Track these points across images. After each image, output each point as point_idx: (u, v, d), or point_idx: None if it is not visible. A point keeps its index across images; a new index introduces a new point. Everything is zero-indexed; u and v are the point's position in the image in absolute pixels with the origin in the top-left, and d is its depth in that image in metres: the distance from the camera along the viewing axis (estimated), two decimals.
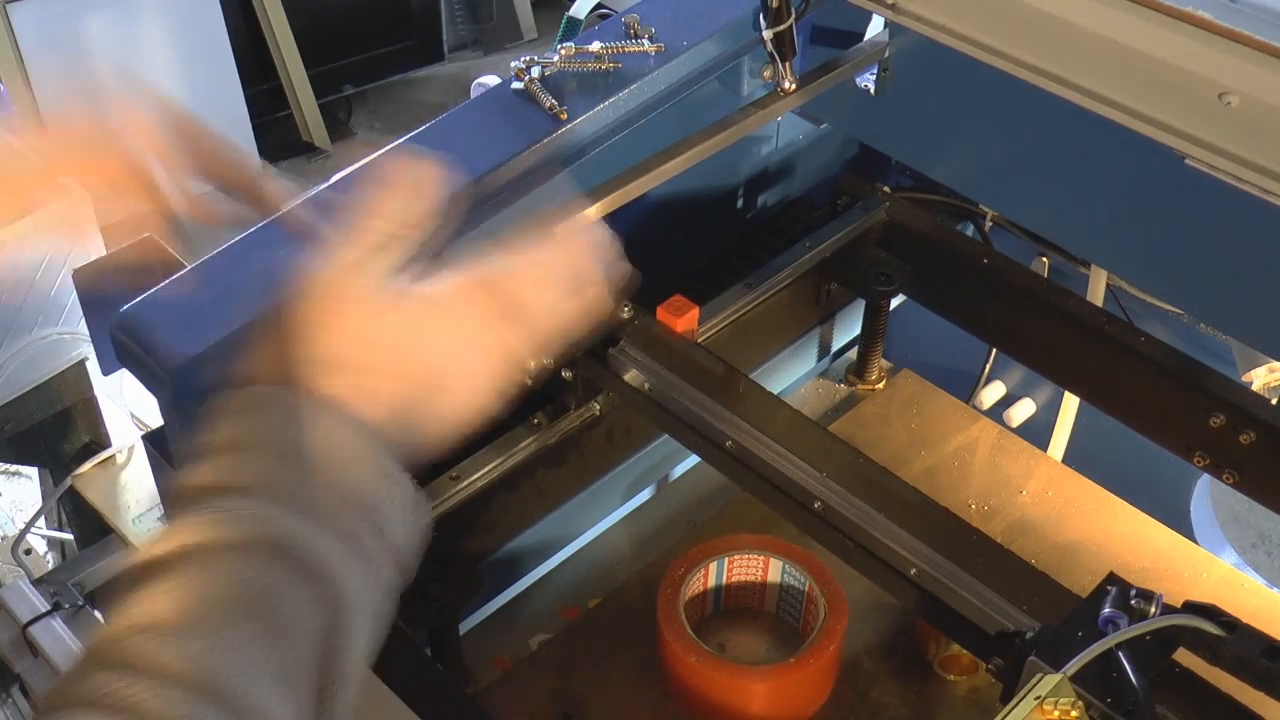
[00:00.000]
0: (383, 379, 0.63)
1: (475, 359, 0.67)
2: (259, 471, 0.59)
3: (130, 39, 3.52)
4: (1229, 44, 0.92)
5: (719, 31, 1.26)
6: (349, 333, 0.63)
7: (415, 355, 0.64)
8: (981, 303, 1.30)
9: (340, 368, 0.62)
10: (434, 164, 0.66)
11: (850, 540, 0.98)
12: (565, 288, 0.70)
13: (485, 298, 0.67)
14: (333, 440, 0.60)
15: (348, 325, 0.63)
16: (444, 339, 0.65)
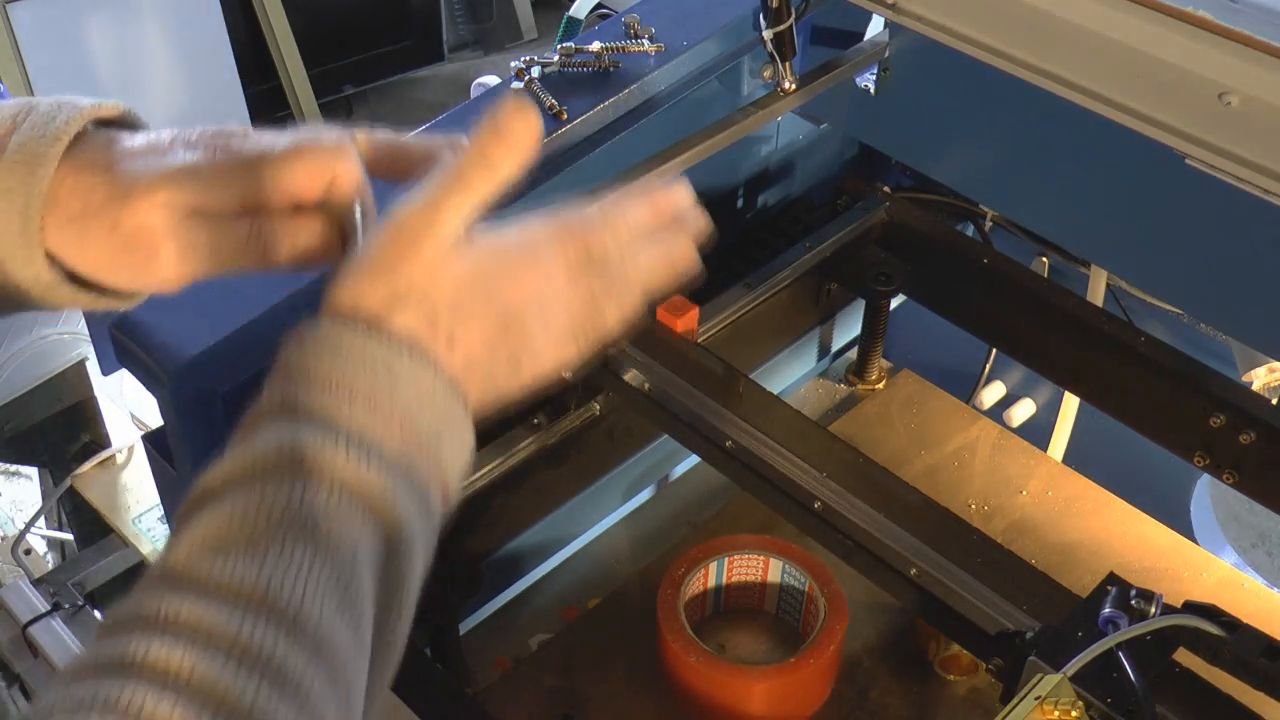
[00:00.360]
0: (460, 317, 0.63)
1: (556, 305, 0.66)
2: (321, 400, 0.59)
3: (130, 39, 3.52)
4: (1229, 44, 0.92)
5: (719, 31, 1.26)
6: (430, 268, 0.62)
7: (495, 296, 0.64)
8: (981, 303, 1.30)
9: (418, 303, 0.62)
10: (535, 114, 0.65)
11: (850, 540, 0.98)
12: (649, 240, 0.69)
13: (568, 245, 0.67)
14: (399, 372, 0.61)
15: (429, 261, 0.62)
16: (525, 283, 0.65)
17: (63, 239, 0.67)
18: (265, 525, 0.55)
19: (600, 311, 0.68)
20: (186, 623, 0.51)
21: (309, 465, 0.57)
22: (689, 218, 0.72)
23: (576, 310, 0.67)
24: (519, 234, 0.66)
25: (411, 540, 0.60)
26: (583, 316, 0.67)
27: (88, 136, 0.69)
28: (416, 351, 0.61)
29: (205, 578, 0.53)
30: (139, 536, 1.85)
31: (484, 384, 0.65)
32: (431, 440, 0.62)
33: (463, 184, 0.64)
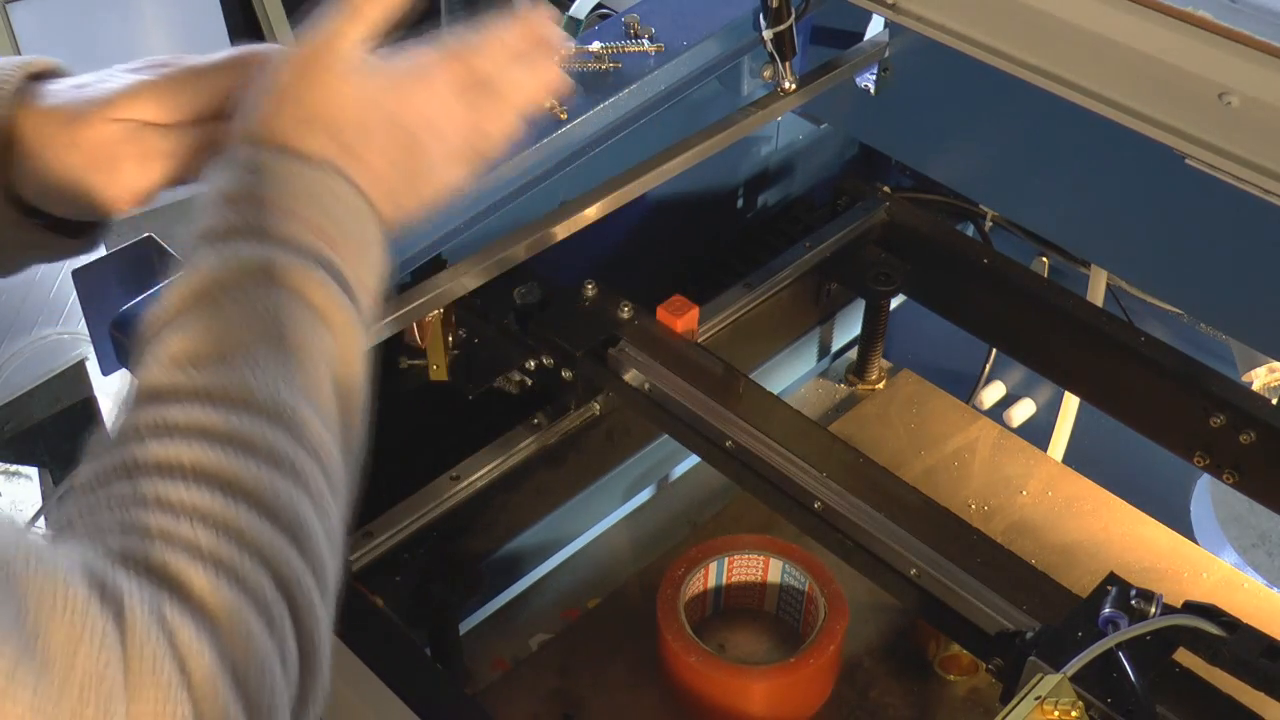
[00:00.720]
0: (365, 138, 0.67)
1: (448, 124, 0.71)
2: (259, 215, 0.62)
3: (130, 39, 3.52)
4: (1229, 44, 0.92)
5: (719, 31, 1.26)
6: (334, 96, 0.67)
7: (394, 117, 0.68)
8: (981, 303, 1.30)
9: (327, 128, 0.66)
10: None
11: (850, 540, 0.98)
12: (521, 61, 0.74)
13: (454, 67, 0.71)
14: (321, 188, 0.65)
15: (332, 89, 0.67)
16: (419, 103, 0.70)
17: (23, 172, 0.71)
18: (236, 336, 0.58)
19: (485, 129, 0.72)
20: (179, 425, 0.55)
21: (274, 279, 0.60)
22: (553, 40, 0.76)
23: (465, 128, 0.71)
24: (410, 59, 0.71)
25: (361, 346, 0.64)
26: (470, 135, 0.72)
27: (28, 88, 0.73)
28: (333, 172, 0.65)
29: (190, 386, 0.56)
30: None
31: (389, 201, 0.69)
32: (357, 251, 0.66)
33: (355, 14, 0.69)
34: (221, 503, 0.53)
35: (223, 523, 0.53)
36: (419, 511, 1.08)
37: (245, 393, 0.56)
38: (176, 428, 0.55)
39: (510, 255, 1.11)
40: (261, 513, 0.54)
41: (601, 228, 1.17)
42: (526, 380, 1.15)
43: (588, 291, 1.13)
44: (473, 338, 1.14)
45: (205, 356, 0.57)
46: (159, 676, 0.48)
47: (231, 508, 0.53)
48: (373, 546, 1.05)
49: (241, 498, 0.54)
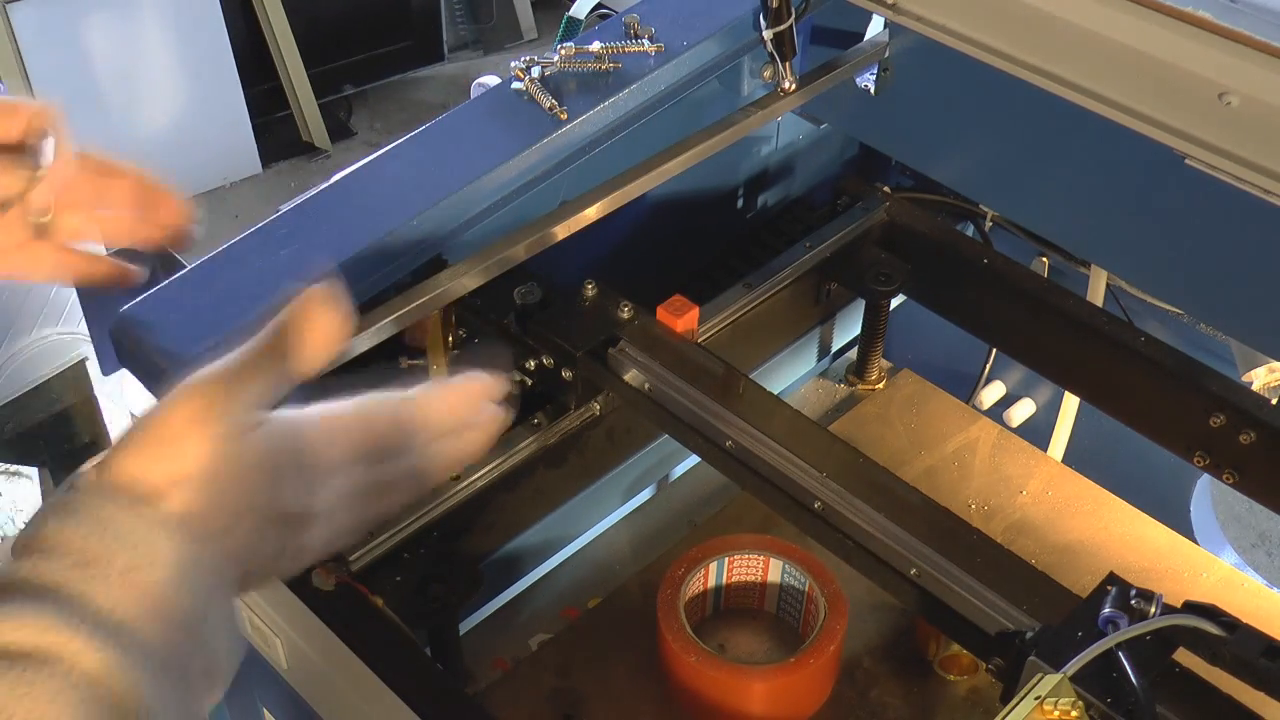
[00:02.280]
0: (240, 506, 0.61)
1: (343, 500, 0.65)
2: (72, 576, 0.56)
3: (130, 39, 3.52)
4: (1229, 44, 0.92)
5: (719, 31, 1.27)
6: (215, 451, 0.60)
7: (280, 489, 0.62)
8: (981, 303, 1.30)
9: (198, 487, 0.59)
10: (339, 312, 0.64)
11: (850, 540, 0.98)
12: (442, 430, 0.69)
13: (367, 438, 0.66)
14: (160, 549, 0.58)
15: (216, 443, 0.60)
16: (313, 478, 0.63)
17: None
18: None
19: (387, 500, 0.67)
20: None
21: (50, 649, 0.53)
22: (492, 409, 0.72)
23: (364, 502, 0.66)
24: (318, 424, 0.64)
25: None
26: (369, 507, 0.67)
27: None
28: (183, 532, 0.59)
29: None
30: None
31: (257, 571, 0.63)
32: (194, 621, 0.58)
33: (264, 368, 0.62)
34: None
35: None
36: (419, 511, 1.08)
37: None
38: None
39: (510, 255, 1.11)
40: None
41: (601, 228, 1.17)
42: (526, 380, 1.15)
43: (588, 291, 1.13)
44: (473, 338, 1.14)
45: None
46: None
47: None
48: (373, 546, 1.05)
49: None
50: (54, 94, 3.44)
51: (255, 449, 0.61)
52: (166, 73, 3.61)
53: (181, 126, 3.68)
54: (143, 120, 3.62)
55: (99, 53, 3.49)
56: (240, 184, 3.85)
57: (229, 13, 3.64)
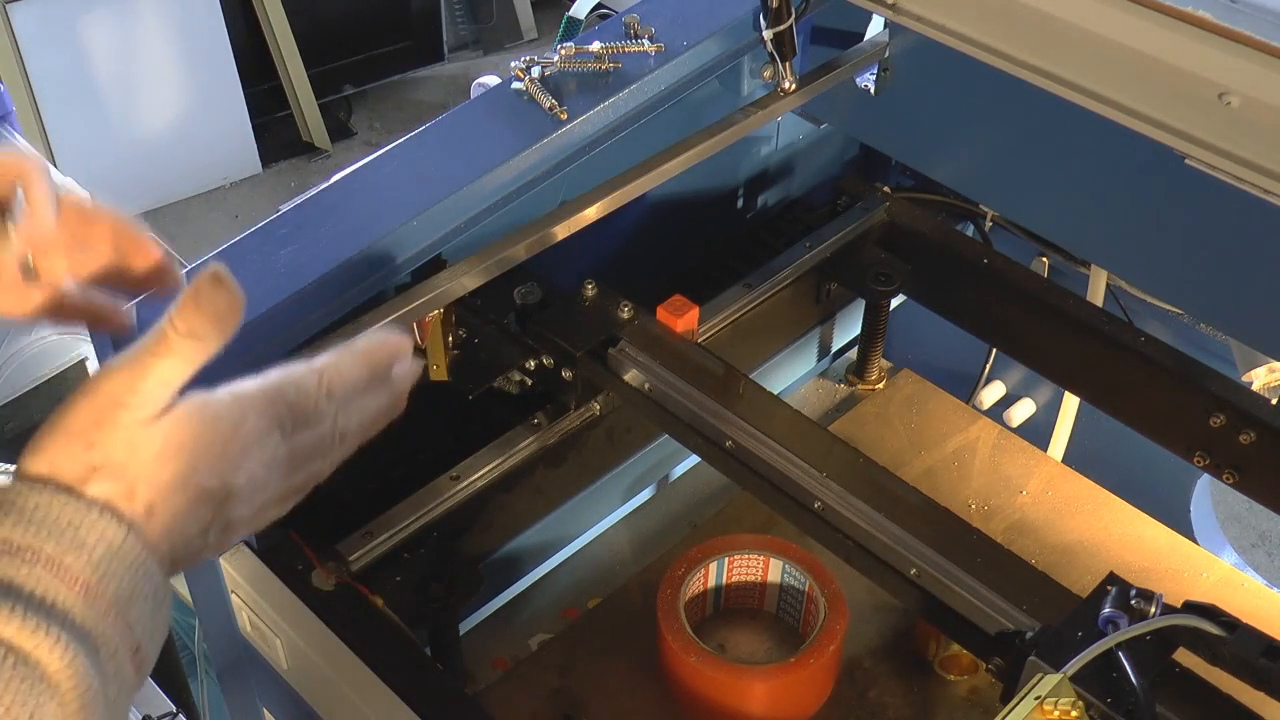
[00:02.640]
0: (160, 489, 0.62)
1: (265, 473, 0.66)
2: (1, 565, 0.58)
3: (130, 39, 3.53)
4: (1229, 44, 0.91)
5: (719, 31, 1.26)
6: (129, 440, 0.62)
7: (199, 469, 0.64)
8: (981, 303, 1.30)
9: (115, 475, 0.61)
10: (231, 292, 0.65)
11: (850, 540, 0.98)
12: (353, 393, 0.70)
13: (279, 410, 0.67)
14: (88, 535, 0.60)
15: (128, 432, 0.62)
16: (232, 455, 0.65)
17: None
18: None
19: (310, 468, 0.69)
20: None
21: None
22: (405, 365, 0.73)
23: (286, 472, 0.67)
24: (228, 402, 0.66)
25: (91, 705, 0.58)
26: (292, 477, 0.68)
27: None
28: (108, 515, 0.60)
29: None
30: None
31: (186, 550, 0.64)
32: (121, 603, 0.60)
33: (166, 352, 0.63)
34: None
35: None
36: (419, 511, 1.08)
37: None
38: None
39: (510, 255, 1.11)
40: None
41: (601, 228, 1.17)
42: (526, 380, 1.15)
43: (588, 291, 1.13)
44: (473, 338, 1.14)
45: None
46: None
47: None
48: (373, 546, 1.05)
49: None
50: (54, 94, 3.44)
51: (169, 432, 0.63)
52: (166, 73, 3.61)
53: (181, 126, 3.68)
54: (143, 120, 3.62)
55: (99, 53, 3.49)
56: (240, 184, 3.86)
57: (229, 13, 3.64)
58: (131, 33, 3.52)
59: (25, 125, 3.29)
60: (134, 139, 3.61)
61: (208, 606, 1.14)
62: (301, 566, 1.02)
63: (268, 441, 0.66)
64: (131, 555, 0.61)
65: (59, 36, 3.40)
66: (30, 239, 0.72)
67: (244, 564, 1.06)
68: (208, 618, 1.17)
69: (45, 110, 3.44)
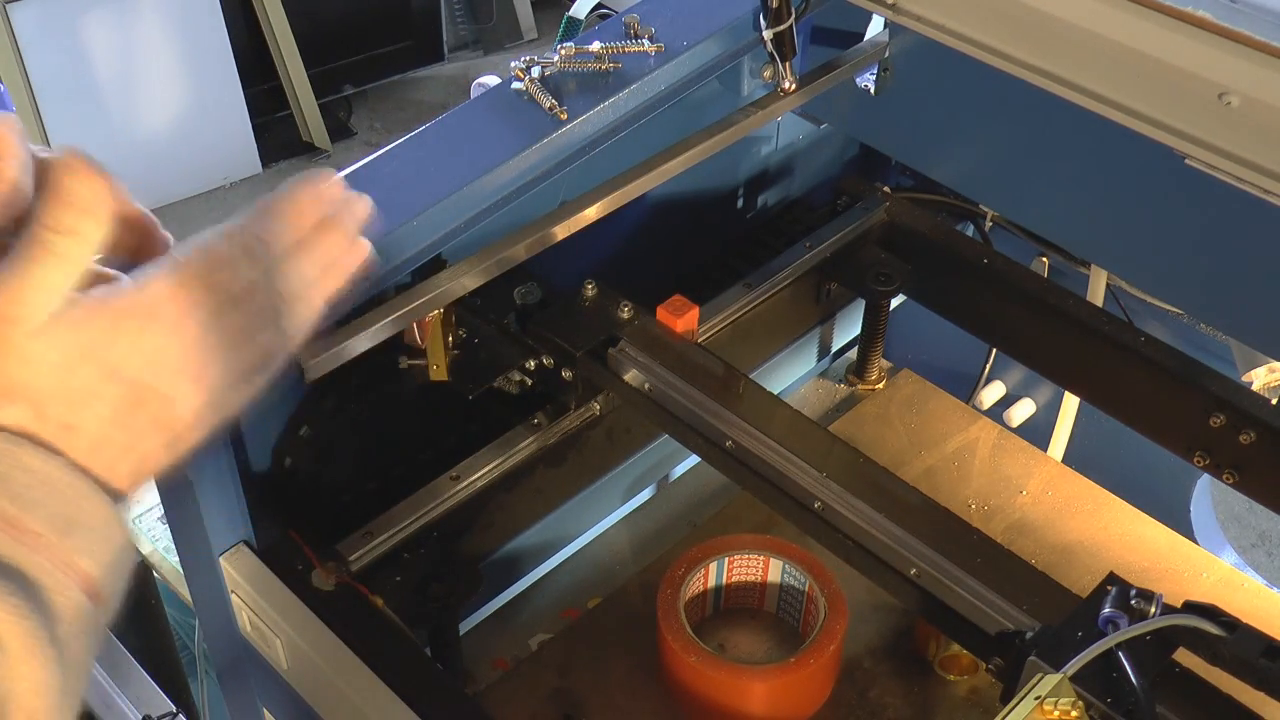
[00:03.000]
0: (73, 402, 0.57)
1: (196, 356, 0.60)
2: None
3: (130, 39, 3.53)
4: (1229, 44, 0.91)
5: (719, 31, 1.26)
6: (23, 358, 0.56)
7: (113, 368, 0.58)
8: (981, 303, 1.30)
9: (19, 397, 0.56)
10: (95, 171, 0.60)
11: (850, 540, 0.98)
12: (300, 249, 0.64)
13: (192, 291, 0.60)
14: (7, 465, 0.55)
15: (21, 351, 0.56)
16: (146, 346, 0.59)
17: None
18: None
19: (259, 343, 0.62)
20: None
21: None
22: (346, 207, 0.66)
23: (226, 353, 0.61)
24: (133, 292, 0.59)
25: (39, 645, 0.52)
26: (239, 356, 0.62)
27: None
28: (20, 441, 0.55)
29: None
30: (139, 537, 1.85)
31: (126, 457, 0.59)
32: (56, 533, 0.55)
33: (43, 256, 0.57)
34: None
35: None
36: (419, 511, 1.08)
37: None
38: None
39: (510, 255, 1.11)
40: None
41: (601, 228, 1.17)
42: (526, 380, 1.15)
43: (588, 291, 1.13)
44: (473, 338, 1.14)
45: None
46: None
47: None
48: (373, 546, 1.05)
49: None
50: (54, 94, 3.44)
51: (65, 339, 0.57)
52: (166, 73, 3.61)
53: (181, 126, 3.68)
54: (143, 120, 3.62)
55: (99, 53, 3.49)
56: (240, 184, 3.86)
57: (229, 13, 3.64)
58: (131, 33, 3.52)
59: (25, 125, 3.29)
60: (134, 139, 3.61)
61: (208, 606, 1.14)
62: (301, 566, 1.02)
63: (189, 327, 0.60)
64: (57, 479, 0.56)
65: (59, 36, 3.40)
66: (9, 208, 0.64)
67: (244, 564, 1.06)
68: (208, 618, 1.17)
69: (45, 110, 3.44)
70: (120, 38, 3.51)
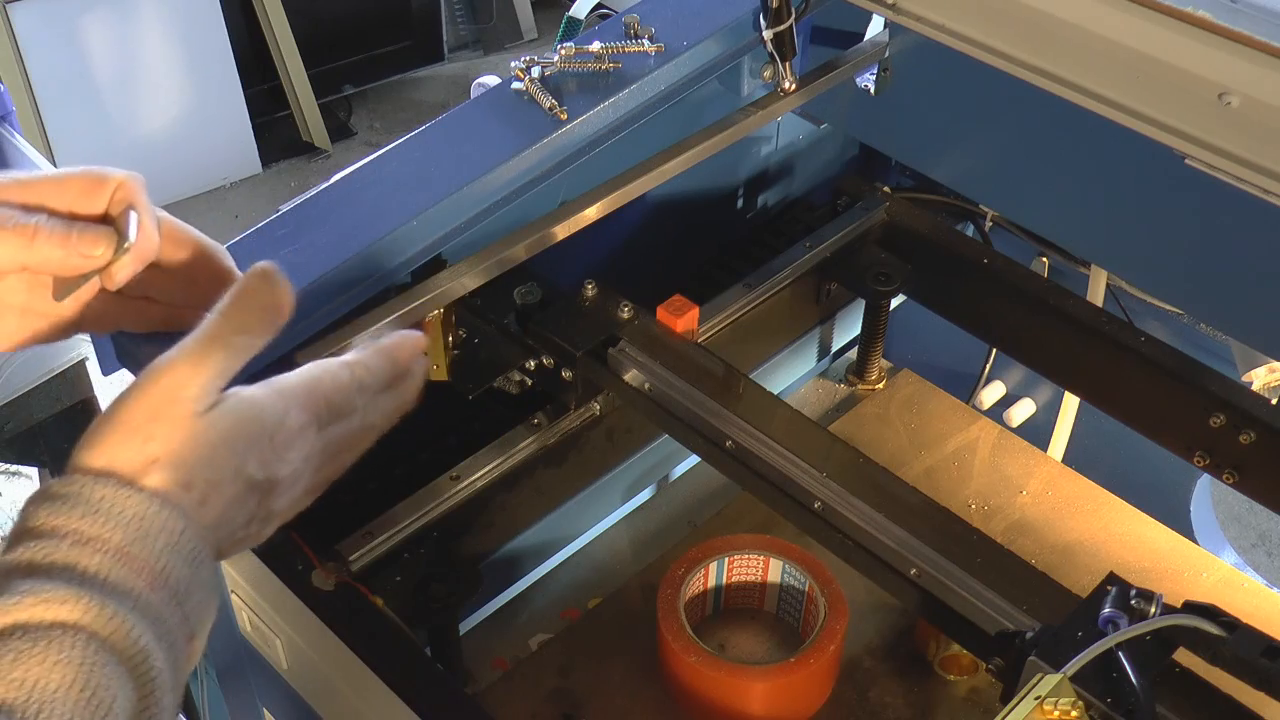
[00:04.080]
0: (212, 480, 0.65)
1: (304, 463, 0.70)
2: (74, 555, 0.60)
3: (130, 39, 3.53)
4: (1229, 44, 0.92)
5: (719, 31, 1.26)
6: (183, 432, 0.64)
7: (247, 460, 0.67)
8: (981, 303, 1.30)
9: (172, 467, 0.64)
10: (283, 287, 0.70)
11: (850, 540, 0.98)
12: (383, 386, 0.75)
13: (318, 405, 0.70)
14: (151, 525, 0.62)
15: (182, 424, 0.65)
16: (276, 446, 0.68)
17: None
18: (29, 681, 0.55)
19: (342, 459, 0.73)
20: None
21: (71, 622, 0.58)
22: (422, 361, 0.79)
23: (319, 464, 0.71)
24: (273, 396, 0.69)
25: (161, 687, 0.61)
26: (325, 468, 0.72)
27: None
28: (168, 507, 0.63)
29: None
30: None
31: (230, 540, 0.68)
32: (180, 593, 0.63)
33: (219, 346, 0.66)
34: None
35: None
36: (419, 511, 1.08)
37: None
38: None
39: (510, 255, 1.11)
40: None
41: (601, 228, 1.17)
42: (526, 380, 1.15)
43: (588, 291, 1.13)
44: (473, 338, 1.14)
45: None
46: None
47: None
48: (373, 546, 1.05)
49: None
50: (54, 94, 3.44)
51: (221, 425, 0.66)
52: (166, 73, 3.61)
53: (181, 126, 3.68)
54: (143, 120, 3.63)
55: (99, 53, 3.49)
56: (240, 184, 3.86)
57: (229, 13, 3.64)
58: (131, 33, 3.52)
59: (25, 125, 3.29)
60: (134, 139, 3.61)
61: None
62: (301, 566, 1.02)
63: (308, 434, 0.70)
64: (189, 546, 0.64)
65: (59, 36, 3.40)
66: (142, 258, 0.75)
67: (244, 564, 1.06)
68: None
69: (45, 110, 3.44)
70: (120, 38, 3.50)
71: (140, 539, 0.61)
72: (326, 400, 0.71)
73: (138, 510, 0.62)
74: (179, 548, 0.63)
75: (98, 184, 0.75)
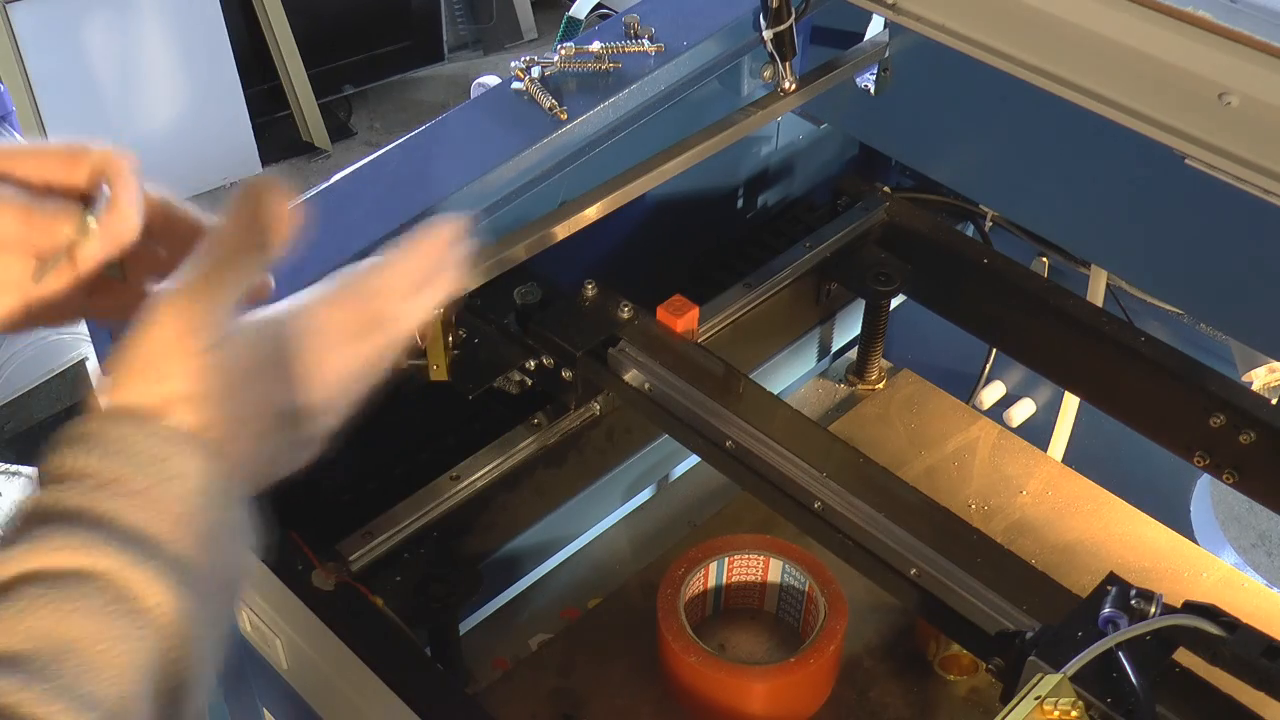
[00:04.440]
0: (236, 413, 0.61)
1: (335, 379, 0.65)
2: (92, 499, 0.57)
3: (130, 39, 3.52)
4: (1229, 44, 0.92)
5: (719, 31, 1.27)
6: (200, 367, 0.60)
7: (272, 387, 0.63)
8: (981, 303, 1.30)
9: (193, 405, 0.60)
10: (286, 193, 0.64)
11: (850, 540, 0.98)
12: (421, 286, 0.69)
13: (343, 313, 0.66)
14: (175, 467, 0.58)
15: (198, 359, 0.60)
16: (302, 368, 0.64)
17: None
18: (40, 631, 0.53)
19: (378, 365, 0.68)
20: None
21: (90, 568, 0.55)
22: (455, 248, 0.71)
23: (356, 373, 0.66)
24: (293, 315, 0.64)
25: (189, 639, 0.57)
26: (362, 375, 0.67)
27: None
28: (193, 446, 0.59)
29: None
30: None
31: (262, 471, 0.64)
32: (214, 532, 0.60)
33: (224, 270, 0.62)
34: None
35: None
36: (419, 511, 1.08)
37: (19, 711, 0.51)
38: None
39: (510, 255, 1.11)
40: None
41: (601, 228, 1.17)
42: (526, 380, 1.15)
43: (588, 291, 1.13)
44: (473, 338, 1.14)
45: (11, 654, 0.52)
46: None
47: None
48: (373, 546, 1.05)
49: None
50: (54, 94, 3.44)
51: (241, 354, 0.61)
52: (166, 73, 3.61)
53: (181, 126, 3.68)
54: (143, 120, 3.62)
55: (99, 53, 3.49)
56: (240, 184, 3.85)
57: (229, 13, 3.64)
58: (131, 33, 3.52)
59: (25, 125, 3.29)
60: (134, 139, 3.61)
61: None
62: (301, 566, 1.02)
63: (341, 352, 0.65)
64: (216, 488, 0.59)
65: (59, 36, 3.40)
66: (114, 240, 0.68)
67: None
68: None
69: (45, 110, 3.44)
70: (120, 37, 3.50)
71: (164, 481, 0.57)
72: (357, 314, 0.66)
73: (159, 451, 0.58)
74: (206, 490, 0.59)
75: (77, 156, 0.69)
